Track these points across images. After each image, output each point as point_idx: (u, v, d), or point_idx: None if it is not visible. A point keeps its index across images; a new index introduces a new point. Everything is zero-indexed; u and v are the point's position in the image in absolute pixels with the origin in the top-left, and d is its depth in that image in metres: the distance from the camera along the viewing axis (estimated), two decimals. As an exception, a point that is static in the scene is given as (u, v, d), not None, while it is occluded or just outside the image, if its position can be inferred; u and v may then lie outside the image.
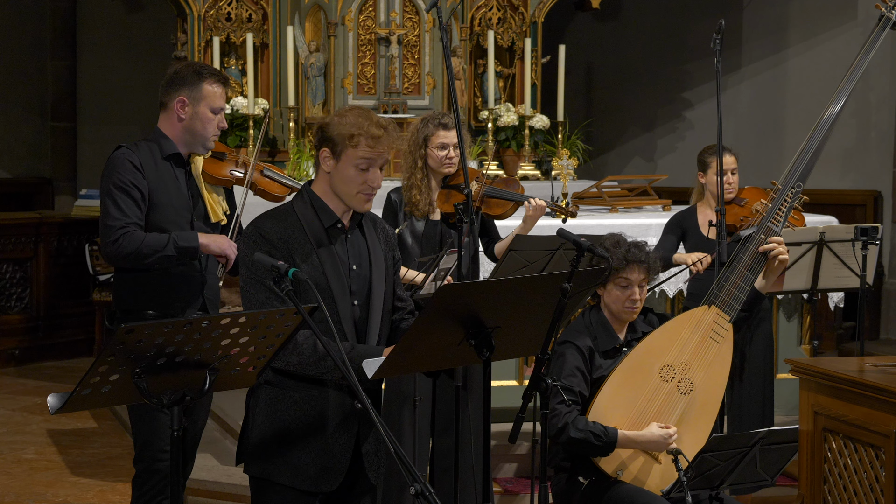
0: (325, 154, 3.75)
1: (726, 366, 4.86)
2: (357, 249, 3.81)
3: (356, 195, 3.74)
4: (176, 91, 4.65)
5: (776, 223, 5.13)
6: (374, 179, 3.73)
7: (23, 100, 11.79)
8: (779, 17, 11.06)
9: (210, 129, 4.67)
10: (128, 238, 4.52)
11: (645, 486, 4.67)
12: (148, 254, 4.53)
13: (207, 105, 4.64)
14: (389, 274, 3.88)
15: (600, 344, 4.80)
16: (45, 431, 7.79)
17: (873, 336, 10.33)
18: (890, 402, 4.30)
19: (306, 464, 3.72)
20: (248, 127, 8.45)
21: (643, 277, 4.80)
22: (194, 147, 4.70)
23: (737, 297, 4.92)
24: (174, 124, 4.67)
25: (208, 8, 8.72)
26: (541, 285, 3.61)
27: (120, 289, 4.73)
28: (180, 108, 4.64)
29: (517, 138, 9.00)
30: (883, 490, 4.35)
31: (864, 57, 5.46)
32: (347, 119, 3.74)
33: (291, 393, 3.72)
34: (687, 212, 6.41)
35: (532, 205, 5.63)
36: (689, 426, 4.72)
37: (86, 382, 3.11)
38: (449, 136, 5.46)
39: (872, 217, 10.48)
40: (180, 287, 4.67)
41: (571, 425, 4.58)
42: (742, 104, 11.18)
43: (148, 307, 4.64)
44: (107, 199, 4.58)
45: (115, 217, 4.54)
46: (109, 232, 4.54)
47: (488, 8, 9.12)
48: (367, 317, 3.78)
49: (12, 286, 9.90)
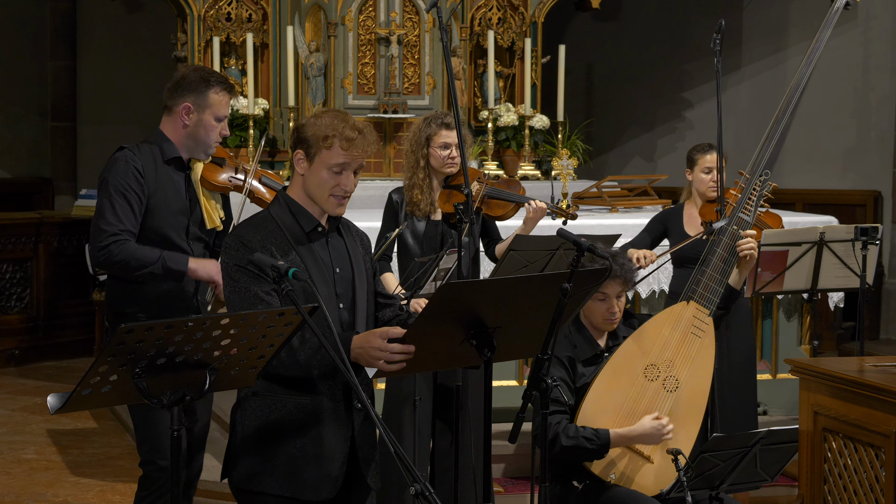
0: (299, 156, 3.70)
1: (710, 359, 4.86)
2: (338, 252, 3.77)
3: (328, 198, 3.68)
4: (182, 97, 4.63)
5: (747, 213, 5.15)
6: (348, 183, 3.68)
7: (23, 100, 11.79)
8: (779, 17, 11.06)
9: (213, 136, 4.66)
10: (118, 247, 4.50)
11: (640, 488, 4.66)
12: (135, 267, 4.52)
13: (213, 113, 4.62)
14: (369, 276, 3.85)
15: (580, 353, 4.79)
16: (45, 431, 7.79)
17: (873, 336, 10.33)
18: (890, 402, 4.30)
19: (305, 472, 3.65)
20: (249, 127, 8.45)
21: (620, 290, 4.78)
22: (195, 153, 4.69)
23: (714, 290, 4.93)
24: (178, 129, 4.65)
25: (208, 8, 8.72)
26: (541, 285, 3.61)
27: (113, 293, 4.71)
28: (185, 114, 4.62)
29: (517, 138, 9.00)
30: (883, 490, 4.35)
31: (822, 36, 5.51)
32: (322, 121, 3.69)
33: (284, 402, 3.65)
34: (674, 210, 6.40)
35: (533, 206, 5.63)
36: (678, 423, 4.71)
37: (86, 382, 3.11)
38: (451, 136, 5.46)
39: (872, 217, 10.48)
40: (173, 297, 4.65)
41: (562, 434, 4.57)
42: (742, 104, 11.18)
43: (140, 311, 4.62)
44: (105, 199, 4.56)
45: (110, 222, 4.52)
46: (101, 236, 4.53)
47: (488, 8, 9.12)
48: (353, 320, 3.74)
49: (12, 286, 9.90)
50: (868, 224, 6.47)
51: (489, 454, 3.84)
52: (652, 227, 6.33)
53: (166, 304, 4.63)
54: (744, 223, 5.10)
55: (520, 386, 7.00)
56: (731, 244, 5.04)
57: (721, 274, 4.98)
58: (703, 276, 4.96)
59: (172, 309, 4.64)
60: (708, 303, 4.90)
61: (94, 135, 11.87)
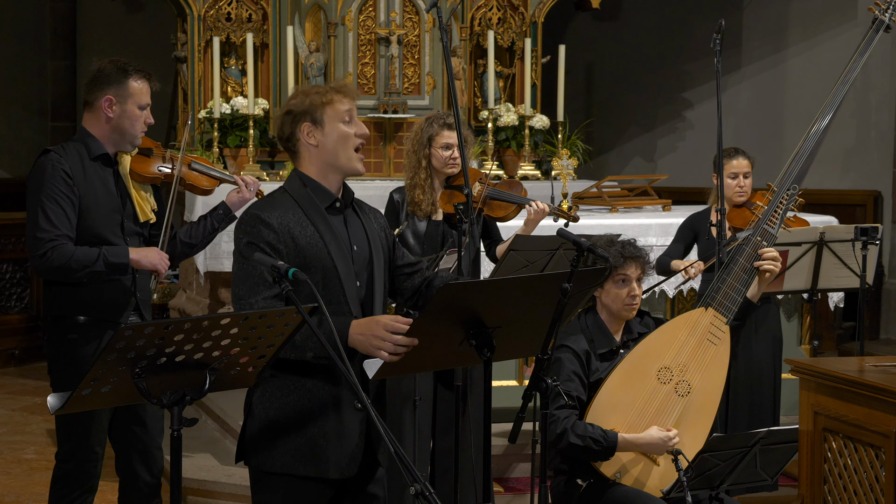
0: (307, 129, 3.69)
1: (724, 368, 4.86)
2: (355, 229, 3.76)
3: (352, 154, 3.70)
4: (101, 90, 4.57)
5: (772, 225, 5.15)
6: (361, 128, 3.72)
7: (23, 100, 11.80)
8: (779, 17, 11.06)
9: (138, 126, 4.60)
10: (57, 252, 4.45)
11: (644, 488, 4.67)
12: (76, 269, 4.47)
13: (135, 102, 4.57)
14: (386, 252, 3.84)
15: (597, 346, 4.80)
16: (45, 431, 7.78)
17: (873, 336, 10.33)
18: (890, 402, 4.30)
19: (327, 451, 3.64)
20: (249, 127, 8.45)
21: (640, 272, 4.81)
22: (122, 145, 4.63)
23: (733, 299, 4.93)
24: (101, 123, 4.58)
25: (208, 8, 8.71)
26: (541, 285, 3.61)
27: (51, 294, 4.64)
28: (108, 107, 4.56)
29: (517, 138, 9.01)
30: (883, 490, 4.35)
31: (859, 59, 5.47)
32: (307, 91, 3.74)
33: (301, 384, 3.64)
34: (701, 214, 6.39)
35: (534, 208, 5.63)
36: (686, 428, 4.72)
37: (86, 382, 3.11)
38: (453, 137, 5.46)
39: (872, 217, 10.48)
40: (112, 291, 4.59)
41: (570, 431, 4.58)
42: (742, 104, 11.18)
43: (80, 312, 4.57)
44: (37, 208, 4.51)
45: (45, 229, 4.46)
46: (38, 244, 4.47)
47: (488, 8, 9.12)
48: (371, 297, 3.75)
49: (12, 286, 9.91)
50: (868, 224, 6.47)
51: (489, 454, 3.84)
52: (683, 235, 6.36)
53: (105, 303, 4.58)
54: (768, 235, 5.11)
55: (520, 386, 7.00)
56: (753, 254, 5.05)
57: (741, 283, 4.98)
58: (723, 283, 4.97)
59: (112, 308, 4.59)
60: (726, 311, 4.91)
61: (94, 135, 11.87)
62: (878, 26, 5.51)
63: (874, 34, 5.49)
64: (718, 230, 5.50)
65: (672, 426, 4.68)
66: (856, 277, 6.17)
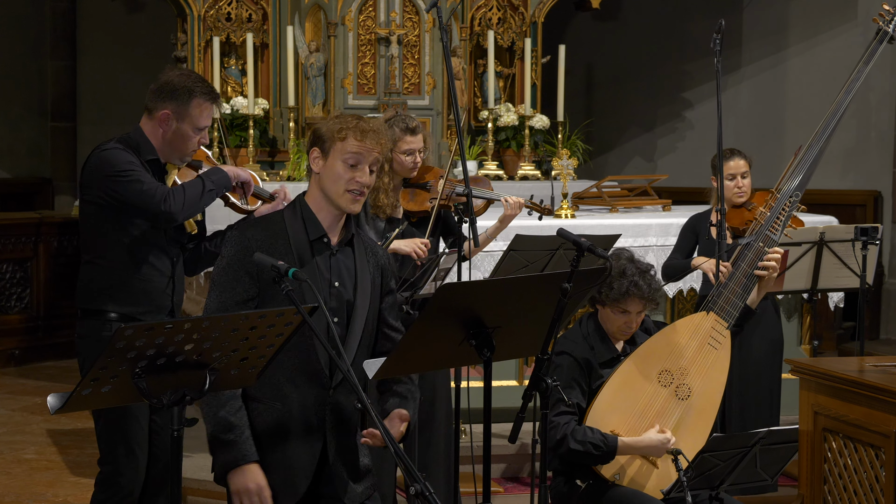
0: (315, 154, 3.75)
1: (724, 373, 4.87)
2: (342, 267, 3.75)
3: (343, 193, 3.70)
4: (163, 102, 4.49)
5: (774, 231, 5.16)
6: (363, 177, 3.70)
7: (23, 100, 11.79)
8: (779, 17, 11.06)
9: (190, 146, 4.54)
10: (170, 196, 4.39)
11: (643, 489, 4.67)
12: (194, 198, 4.43)
13: (192, 124, 4.49)
14: (375, 299, 3.82)
15: (598, 354, 4.79)
16: (45, 431, 7.78)
17: (873, 336, 10.33)
18: (890, 402, 4.30)
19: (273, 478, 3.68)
20: (249, 127, 8.45)
21: (640, 309, 4.78)
22: (171, 158, 4.58)
23: (734, 304, 4.94)
24: (156, 133, 4.53)
25: (208, 8, 8.72)
26: (541, 285, 3.61)
27: (85, 285, 4.59)
28: (164, 121, 4.49)
29: (517, 138, 9.01)
30: (883, 490, 4.35)
31: (863, 69, 5.47)
32: (337, 118, 3.76)
33: (266, 409, 3.70)
34: (702, 215, 6.39)
35: (510, 203, 5.57)
36: (686, 432, 4.72)
37: (86, 382, 3.11)
38: (416, 142, 5.40)
39: (872, 217, 10.48)
40: (147, 290, 4.55)
41: (570, 437, 4.58)
42: (742, 104, 11.18)
43: (113, 309, 4.52)
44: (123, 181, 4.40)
45: (147, 184, 4.39)
46: (152, 200, 4.38)
47: (488, 8, 9.13)
48: (344, 337, 3.72)
49: (12, 286, 9.90)
50: (868, 224, 6.47)
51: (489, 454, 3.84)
52: (686, 238, 6.33)
53: (142, 295, 4.53)
54: (770, 241, 5.11)
55: (520, 386, 7.00)
56: (755, 260, 5.04)
57: (743, 289, 4.98)
58: (724, 288, 4.97)
59: (147, 307, 4.54)
60: (727, 316, 4.91)
61: (94, 135, 11.85)
62: (882, 37, 5.51)
63: (878, 45, 5.48)
64: (718, 230, 5.51)
65: (671, 429, 4.68)
66: (856, 277, 6.17)
